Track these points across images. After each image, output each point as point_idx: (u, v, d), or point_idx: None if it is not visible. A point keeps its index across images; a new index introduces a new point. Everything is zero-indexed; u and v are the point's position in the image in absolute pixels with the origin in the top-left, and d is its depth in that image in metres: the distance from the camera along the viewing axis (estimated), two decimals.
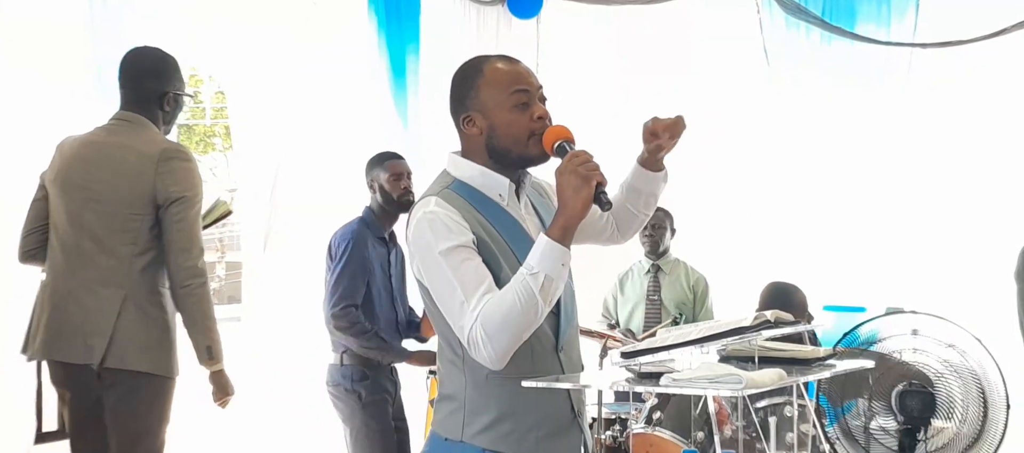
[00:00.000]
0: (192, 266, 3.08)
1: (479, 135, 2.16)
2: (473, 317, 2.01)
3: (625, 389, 2.36)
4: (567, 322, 2.23)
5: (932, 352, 3.20)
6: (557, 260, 2.01)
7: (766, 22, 6.06)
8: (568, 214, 2.02)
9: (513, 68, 2.19)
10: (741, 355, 2.46)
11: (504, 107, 2.13)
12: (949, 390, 3.11)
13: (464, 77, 2.20)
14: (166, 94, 3.17)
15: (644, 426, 3.91)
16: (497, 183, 2.18)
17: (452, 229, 2.06)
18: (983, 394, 3.12)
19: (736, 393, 2.11)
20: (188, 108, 3.51)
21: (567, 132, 2.13)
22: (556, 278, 2.01)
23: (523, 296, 1.99)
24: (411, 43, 5.34)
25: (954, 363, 3.11)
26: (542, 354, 2.16)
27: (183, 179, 3.08)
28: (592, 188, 2.01)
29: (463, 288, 2.03)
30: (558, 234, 2.01)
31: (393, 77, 5.27)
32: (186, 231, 3.07)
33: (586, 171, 2.01)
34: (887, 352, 3.36)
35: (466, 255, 2.05)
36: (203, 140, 14.46)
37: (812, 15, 6.00)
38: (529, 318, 2.00)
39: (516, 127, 2.13)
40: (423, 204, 2.13)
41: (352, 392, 3.97)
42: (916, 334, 3.31)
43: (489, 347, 2.00)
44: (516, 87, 2.15)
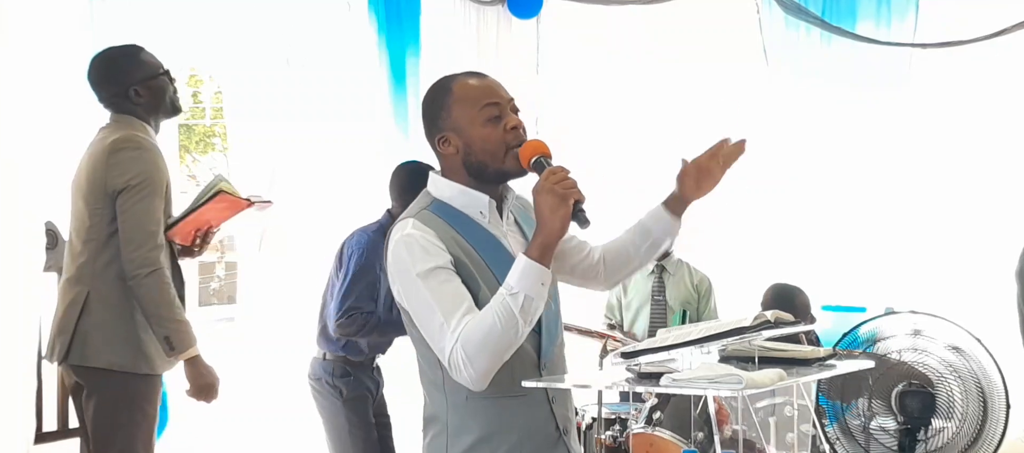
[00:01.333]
0: (139, 257, 3.00)
1: (455, 154, 2.14)
2: (453, 339, 2.00)
3: (625, 389, 2.36)
4: (550, 341, 2.21)
5: (932, 352, 3.20)
6: (536, 280, 2.00)
7: (766, 22, 6.06)
8: (546, 233, 2.01)
9: (482, 82, 2.17)
10: (741, 355, 2.45)
11: (477, 122, 2.11)
12: (949, 390, 3.11)
13: (434, 98, 2.18)
14: (127, 90, 3.14)
15: (644, 426, 3.91)
16: (477, 201, 2.16)
17: (429, 251, 2.05)
18: (983, 394, 3.12)
19: (736, 393, 2.11)
20: (180, 94, 3.38)
21: (544, 147, 2.11)
22: (536, 298, 2.00)
23: (503, 316, 1.98)
24: (411, 44, 5.34)
25: (954, 363, 3.11)
26: (523, 373, 2.13)
27: (130, 168, 3.03)
28: (570, 207, 2.00)
29: (442, 310, 2.02)
30: (537, 253, 2.00)
31: (393, 80, 5.27)
32: (133, 221, 3.02)
33: (563, 190, 2.00)
34: (887, 352, 3.36)
35: (444, 277, 2.04)
36: (203, 140, 14.47)
37: (812, 15, 6.00)
38: (509, 338, 2.00)
39: (491, 141, 2.11)
40: (400, 227, 2.11)
41: (334, 388, 3.96)
42: (917, 334, 3.31)
43: (470, 368, 2.00)
44: (487, 101, 2.12)
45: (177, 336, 3.01)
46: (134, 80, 3.14)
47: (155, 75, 3.16)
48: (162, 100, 3.18)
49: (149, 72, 3.16)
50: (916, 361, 3.21)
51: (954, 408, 3.11)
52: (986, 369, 3.11)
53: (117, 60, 3.19)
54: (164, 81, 3.18)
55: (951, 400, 3.12)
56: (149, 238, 3.02)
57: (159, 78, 3.17)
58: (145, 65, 3.17)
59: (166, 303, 3.01)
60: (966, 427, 2.97)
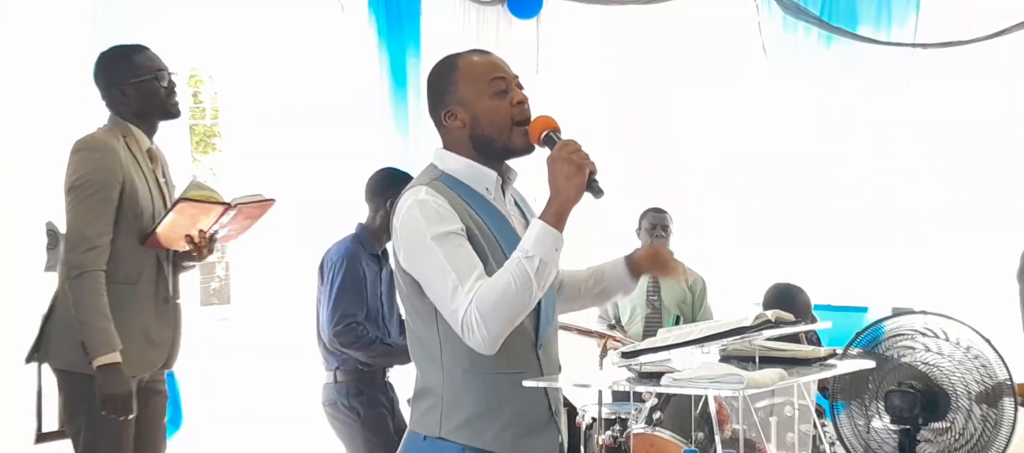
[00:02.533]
0: (71, 259, 2.98)
1: (462, 128, 2.16)
2: (467, 300, 2.01)
3: (625, 389, 2.36)
4: (547, 321, 2.22)
5: (936, 351, 3.19)
6: (551, 244, 2.02)
7: (765, 22, 6.06)
8: (561, 200, 2.03)
9: (486, 58, 2.20)
10: (742, 355, 2.45)
11: (484, 95, 2.14)
12: (954, 391, 3.09)
13: (440, 74, 2.21)
14: (114, 90, 3.13)
15: (644, 426, 3.91)
16: (484, 176, 2.18)
17: (443, 216, 2.07)
18: (989, 395, 3.10)
19: (737, 393, 2.11)
20: (178, 97, 3.32)
21: (553, 122, 2.14)
22: (550, 262, 2.02)
23: (518, 278, 2.00)
24: (411, 45, 5.34)
25: (962, 363, 3.09)
26: (520, 350, 2.15)
27: (77, 169, 3.02)
28: (585, 176, 2.03)
29: (457, 272, 2.03)
30: (553, 218, 2.03)
31: (393, 81, 5.27)
32: (71, 223, 3.00)
33: (579, 159, 2.03)
34: (888, 351, 3.35)
35: (458, 241, 2.06)
36: (203, 140, 14.45)
37: (812, 15, 6.00)
38: (524, 301, 2.02)
39: (498, 115, 2.14)
40: (412, 192, 2.12)
41: (350, 409, 3.91)
42: (922, 334, 3.30)
43: (483, 329, 2.00)
44: (493, 75, 2.16)
45: (91, 341, 2.95)
46: (121, 80, 3.11)
47: (143, 77, 3.11)
48: (150, 103, 3.12)
49: (137, 73, 3.11)
50: (918, 361, 3.20)
51: (959, 408, 3.09)
52: (995, 371, 3.10)
53: (109, 60, 3.17)
54: (152, 84, 3.12)
55: (956, 401, 3.10)
56: (82, 241, 2.98)
57: (147, 81, 3.11)
58: (135, 66, 3.12)
59: (86, 307, 2.96)
60: (971, 428, 2.96)
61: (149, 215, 3.10)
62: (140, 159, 3.12)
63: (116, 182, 3.02)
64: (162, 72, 3.14)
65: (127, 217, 3.05)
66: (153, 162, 3.19)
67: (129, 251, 3.06)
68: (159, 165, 3.23)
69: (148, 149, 3.17)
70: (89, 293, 2.97)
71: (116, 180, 3.02)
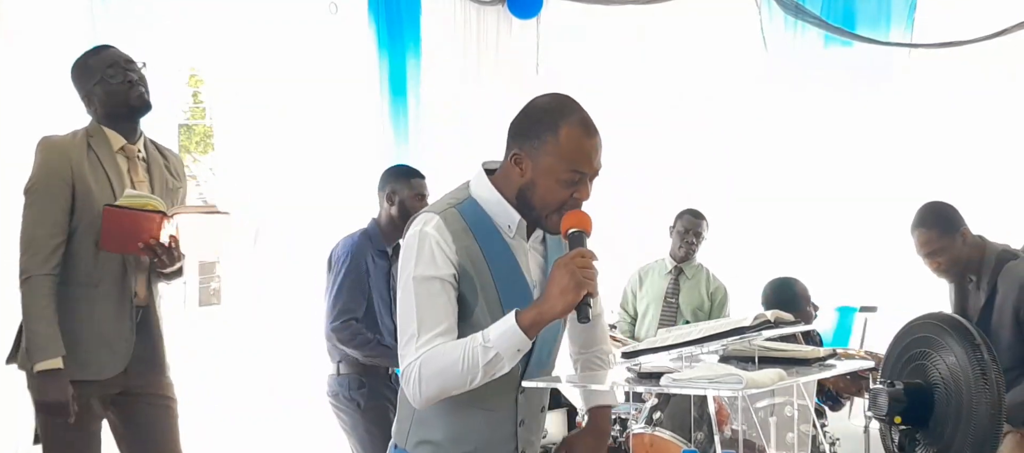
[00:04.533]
0: (21, 262, 2.99)
1: (519, 177, 2.12)
2: (416, 354, 2.04)
3: (625, 389, 2.36)
4: (537, 369, 2.22)
5: (935, 351, 3.18)
6: (514, 345, 2.01)
7: (766, 22, 6.07)
8: (544, 309, 2.01)
9: (585, 146, 2.10)
10: (741, 355, 2.45)
11: (556, 174, 2.08)
12: (951, 389, 3.09)
13: (540, 120, 2.11)
14: (83, 98, 3.12)
15: (644, 426, 3.91)
16: (509, 215, 2.16)
17: (436, 259, 2.07)
18: (986, 393, 3.09)
19: (736, 393, 2.11)
20: (143, 87, 3.25)
21: (587, 222, 2.10)
22: (506, 360, 2.02)
23: (467, 361, 2.01)
24: (412, 46, 5.34)
25: (958, 362, 3.09)
26: (499, 392, 2.15)
27: (31, 173, 3.03)
28: (580, 296, 2.00)
29: (420, 322, 2.05)
30: (527, 322, 2.00)
31: (392, 83, 5.26)
32: (21, 226, 3.01)
33: (582, 277, 2.00)
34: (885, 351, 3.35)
35: (437, 289, 2.06)
36: (203, 140, 14.45)
37: (812, 15, 6.01)
38: (463, 382, 2.03)
39: (553, 197, 2.10)
40: (424, 219, 2.12)
41: (351, 401, 3.96)
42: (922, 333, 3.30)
43: (418, 388, 2.04)
44: (577, 168, 2.09)
45: (32, 345, 2.94)
46: (85, 87, 3.11)
47: (95, 79, 3.08)
48: (112, 101, 3.08)
49: (92, 76, 3.09)
50: (924, 363, 3.20)
51: (952, 409, 3.09)
52: (989, 371, 3.09)
53: (73, 69, 3.16)
54: (108, 82, 3.07)
55: (954, 400, 3.09)
56: (29, 245, 2.97)
57: (100, 81, 3.08)
58: (90, 69, 3.10)
59: (30, 312, 2.95)
60: (965, 428, 2.95)
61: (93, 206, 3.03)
62: (104, 160, 3.06)
63: (63, 183, 2.99)
64: (113, 67, 3.08)
65: (83, 219, 3.01)
66: (131, 161, 3.13)
67: (88, 253, 3.02)
68: (140, 164, 3.16)
69: (122, 148, 3.11)
70: (34, 298, 2.95)
71: (63, 181, 2.99)
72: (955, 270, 3.84)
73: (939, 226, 3.83)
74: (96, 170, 3.05)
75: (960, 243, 3.81)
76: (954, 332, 2.93)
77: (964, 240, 3.82)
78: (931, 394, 3.00)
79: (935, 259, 3.86)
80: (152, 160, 3.22)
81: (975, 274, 3.82)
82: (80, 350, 2.99)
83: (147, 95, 3.14)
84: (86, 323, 3.02)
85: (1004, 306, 3.68)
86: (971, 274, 3.83)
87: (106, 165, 3.07)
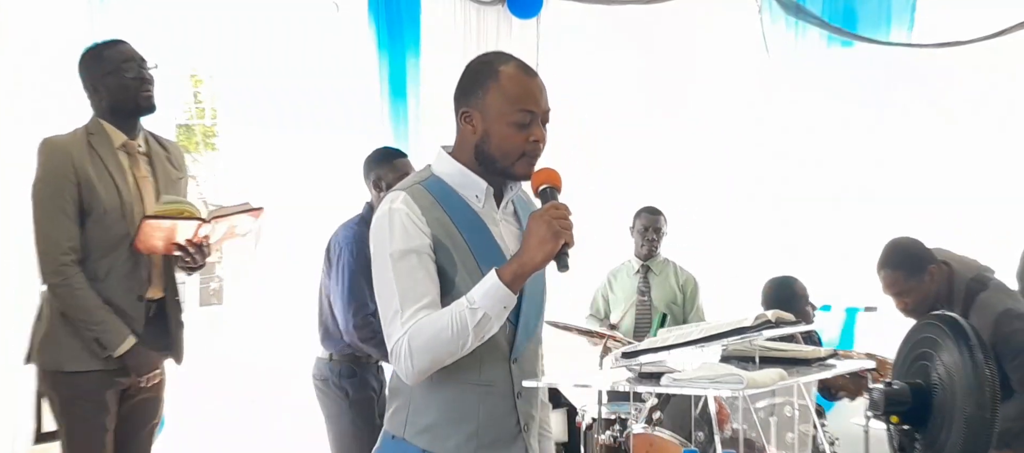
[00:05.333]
0: (42, 268, 3.02)
1: (472, 134, 2.13)
2: (403, 329, 2.02)
3: (625, 389, 2.36)
4: (526, 335, 2.20)
5: (936, 352, 3.18)
6: (499, 302, 2.00)
7: (767, 22, 6.06)
8: (524, 261, 2.01)
9: (526, 84, 2.13)
10: (742, 355, 2.46)
11: (504, 120, 2.09)
12: (947, 390, 3.09)
13: (478, 72, 2.16)
14: (88, 89, 3.12)
15: (644, 426, 3.91)
16: (474, 184, 2.15)
17: (409, 231, 2.06)
18: (977, 394, 3.09)
19: (737, 393, 2.11)
20: (149, 90, 3.25)
21: (557, 178, 2.11)
22: (494, 318, 2.01)
23: (456, 325, 2.00)
24: (412, 46, 5.34)
25: (954, 363, 3.09)
26: (492, 363, 2.14)
27: (35, 174, 3.04)
28: (558, 245, 2.00)
29: (401, 297, 2.03)
30: (508, 277, 2.00)
31: (392, 82, 5.26)
32: (34, 231, 3.03)
33: (559, 226, 2.00)
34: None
35: (415, 262, 2.05)
36: (203, 140, 14.44)
37: (812, 15, 6.01)
38: (455, 348, 2.01)
39: (509, 143, 2.10)
40: (391, 197, 2.12)
41: (340, 389, 3.94)
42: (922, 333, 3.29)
43: (409, 362, 2.02)
44: (523, 106, 2.10)
45: (104, 337, 3.01)
46: (93, 78, 3.11)
47: (109, 72, 3.08)
48: (119, 97, 3.09)
49: (104, 69, 3.08)
50: (925, 364, 3.19)
51: (946, 410, 3.08)
52: (987, 373, 3.09)
53: (83, 58, 3.16)
54: (120, 78, 3.07)
55: (949, 402, 3.09)
56: (50, 248, 3.00)
57: (113, 75, 3.07)
58: (103, 61, 3.10)
59: (80, 308, 3.00)
60: (958, 428, 2.95)
61: (116, 211, 3.05)
62: (106, 157, 3.07)
63: (68, 182, 3.00)
64: (129, 62, 3.08)
65: (90, 215, 3.03)
66: (132, 157, 3.14)
67: (94, 250, 3.04)
68: (141, 159, 3.16)
69: (123, 144, 3.11)
70: (77, 295, 2.99)
71: (68, 181, 3.00)
72: (923, 309, 3.70)
73: (905, 267, 3.76)
74: (98, 168, 3.05)
75: (927, 282, 3.73)
76: (951, 332, 2.93)
77: (931, 278, 3.73)
78: (930, 394, 3.00)
79: (902, 299, 3.79)
80: (153, 154, 3.22)
81: (945, 304, 3.70)
82: (74, 340, 3.03)
83: (154, 98, 3.16)
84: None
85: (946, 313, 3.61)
86: (941, 306, 3.71)
87: (108, 162, 3.07)
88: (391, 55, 5.26)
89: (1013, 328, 3.51)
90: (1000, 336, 3.46)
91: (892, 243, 3.89)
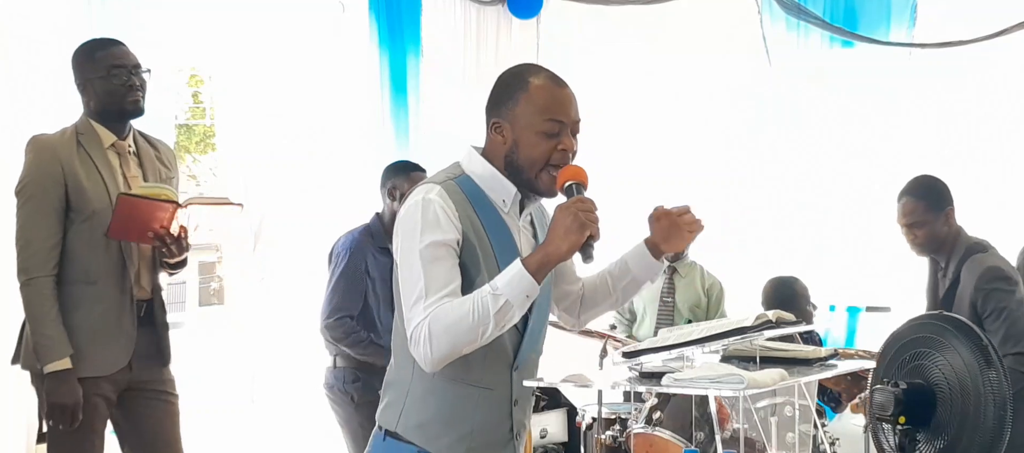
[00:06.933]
0: (18, 264, 2.99)
1: (502, 144, 2.15)
2: (424, 314, 2.01)
3: (625, 389, 2.36)
4: (531, 345, 2.22)
5: (937, 352, 3.18)
6: (523, 291, 2.01)
7: (767, 22, 6.06)
8: (549, 251, 2.02)
9: (556, 94, 2.14)
10: (742, 355, 2.45)
11: (533, 129, 2.11)
12: (955, 391, 3.08)
13: (509, 83, 2.17)
14: (79, 87, 3.11)
15: (644, 426, 3.91)
16: (504, 188, 2.16)
17: (441, 223, 2.06)
18: (988, 393, 3.09)
19: (737, 393, 2.11)
20: (140, 94, 3.18)
21: (583, 175, 2.12)
22: (516, 307, 2.01)
23: (478, 311, 1.99)
24: (412, 45, 5.34)
25: (964, 364, 3.08)
26: (495, 368, 2.16)
27: (22, 173, 3.03)
28: (583, 236, 2.01)
29: (427, 284, 2.03)
30: (533, 266, 2.01)
31: (392, 82, 5.26)
32: (16, 228, 3.01)
33: (585, 218, 2.01)
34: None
35: (444, 253, 2.05)
36: (203, 140, 14.46)
37: (813, 15, 6.01)
38: (475, 335, 2.01)
39: (537, 151, 2.12)
40: (425, 188, 2.12)
41: (345, 394, 3.97)
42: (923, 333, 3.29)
43: (428, 347, 2.01)
44: (553, 116, 2.12)
45: (40, 347, 2.96)
46: (84, 77, 3.09)
47: (99, 74, 3.05)
48: (108, 100, 3.06)
49: (95, 70, 3.06)
50: (921, 362, 3.19)
51: (956, 411, 3.08)
52: (991, 374, 3.08)
53: (75, 56, 3.14)
54: (109, 81, 3.05)
55: (960, 403, 3.08)
56: (26, 246, 2.98)
57: (103, 77, 3.05)
58: (94, 62, 3.07)
59: (34, 314, 2.97)
60: (972, 430, 2.94)
61: (106, 211, 3.01)
62: (95, 157, 3.05)
63: (55, 182, 2.99)
64: (118, 68, 3.06)
65: (78, 216, 3.01)
66: (122, 157, 3.12)
67: (84, 250, 3.02)
68: (131, 159, 3.15)
69: (113, 144, 3.10)
70: (36, 300, 2.97)
71: (54, 181, 2.99)
72: (930, 247, 3.82)
73: (927, 199, 3.80)
74: (88, 167, 3.04)
75: (942, 222, 3.79)
76: (959, 333, 2.93)
77: (946, 220, 3.80)
78: (933, 394, 3.00)
79: (914, 231, 3.83)
80: (143, 153, 3.20)
81: (945, 258, 3.81)
82: (82, 347, 2.99)
83: (142, 102, 3.13)
84: (86, 320, 3.02)
85: (963, 296, 3.68)
86: (942, 257, 3.83)
87: (97, 162, 3.06)
88: (391, 54, 5.27)
89: (995, 286, 3.60)
90: (981, 291, 3.58)
91: (920, 175, 3.94)
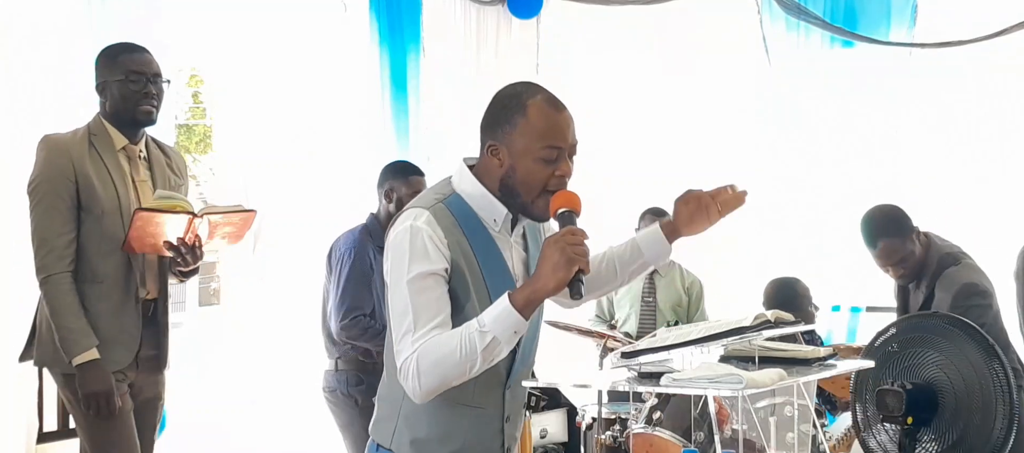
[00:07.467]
0: (36, 263, 3.01)
1: (498, 167, 2.11)
2: (413, 348, 2.01)
3: (625, 389, 2.36)
4: (522, 362, 2.22)
5: (936, 353, 3.18)
6: (510, 327, 1.98)
7: (767, 22, 6.07)
8: (537, 287, 1.99)
9: (555, 120, 2.10)
10: (741, 355, 2.46)
11: (531, 156, 2.08)
12: (961, 392, 3.08)
13: (507, 105, 2.12)
14: (98, 88, 3.13)
15: (644, 426, 3.91)
16: (494, 209, 2.14)
17: (429, 253, 2.04)
18: (990, 395, 3.09)
19: (736, 393, 2.11)
20: (155, 103, 3.18)
21: (576, 202, 2.09)
22: (504, 343, 2.00)
23: (465, 348, 1.98)
24: (412, 45, 5.35)
25: (973, 369, 3.08)
26: (487, 388, 2.16)
27: (33, 171, 3.05)
28: (571, 273, 1.98)
29: (415, 317, 2.02)
30: (520, 303, 1.98)
31: (393, 81, 5.26)
32: (31, 226, 3.03)
33: (573, 253, 1.97)
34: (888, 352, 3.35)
35: (432, 284, 2.04)
36: (203, 140, 14.45)
37: (813, 15, 6.01)
38: (463, 370, 2.00)
39: (534, 177, 2.09)
40: (413, 214, 2.09)
41: (348, 397, 3.96)
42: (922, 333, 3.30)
43: (417, 381, 2.01)
44: (551, 143, 2.08)
45: (66, 342, 2.98)
46: (103, 79, 3.11)
47: (117, 78, 3.07)
48: (121, 105, 3.08)
49: (114, 74, 3.08)
50: (921, 362, 3.19)
51: (962, 412, 3.08)
52: (995, 370, 3.09)
53: (100, 57, 3.16)
54: (126, 86, 3.07)
55: (966, 405, 3.08)
56: (42, 243, 3.00)
57: (120, 82, 3.07)
58: (114, 66, 3.09)
59: (56, 309, 2.99)
60: (983, 432, 2.95)
61: (115, 212, 3.04)
62: (106, 158, 3.07)
63: (67, 181, 3.01)
64: (137, 74, 3.07)
65: (88, 216, 3.03)
66: (132, 161, 3.14)
67: (93, 250, 3.04)
68: (141, 163, 3.16)
69: (124, 147, 3.12)
70: (57, 295, 2.98)
71: (66, 179, 3.01)
72: (915, 272, 3.78)
73: (900, 232, 3.78)
74: (99, 168, 3.06)
75: (917, 244, 3.77)
76: (968, 337, 2.94)
77: (917, 239, 3.78)
78: (935, 395, 3.01)
79: (899, 268, 3.80)
80: (154, 159, 3.22)
81: (922, 274, 3.79)
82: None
83: (156, 113, 3.16)
84: (92, 319, 3.03)
85: (940, 310, 3.62)
86: (923, 273, 3.79)
87: (108, 164, 3.08)
88: (392, 53, 5.27)
89: (972, 303, 3.55)
90: (959, 308, 3.50)
91: (878, 212, 3.88)
